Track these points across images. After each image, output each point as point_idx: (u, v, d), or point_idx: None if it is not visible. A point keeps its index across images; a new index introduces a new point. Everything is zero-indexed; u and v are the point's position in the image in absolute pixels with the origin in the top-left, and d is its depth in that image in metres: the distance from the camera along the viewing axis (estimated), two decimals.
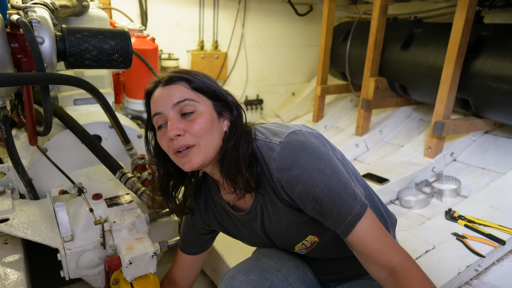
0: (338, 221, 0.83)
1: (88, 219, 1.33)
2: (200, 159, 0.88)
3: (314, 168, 0.83)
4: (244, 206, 1.02)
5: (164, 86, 0.90)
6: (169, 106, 0.87)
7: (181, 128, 0.86)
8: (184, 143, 0.86)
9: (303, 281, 1.04)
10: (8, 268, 1.32)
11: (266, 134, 0.92)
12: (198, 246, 1.22)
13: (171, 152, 0.90)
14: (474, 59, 2.26)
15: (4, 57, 1.03)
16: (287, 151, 0.85)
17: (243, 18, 3.99)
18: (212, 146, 0.89)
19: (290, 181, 0.85)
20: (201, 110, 0.88)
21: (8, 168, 1.55)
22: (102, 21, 1.73)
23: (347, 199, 0.82)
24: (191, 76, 0.90)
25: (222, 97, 0.92)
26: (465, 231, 1.72)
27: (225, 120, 0.93)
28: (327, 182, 0.82)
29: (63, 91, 1.76)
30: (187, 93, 0.88)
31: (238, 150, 0.89)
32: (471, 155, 2.46)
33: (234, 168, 0.89)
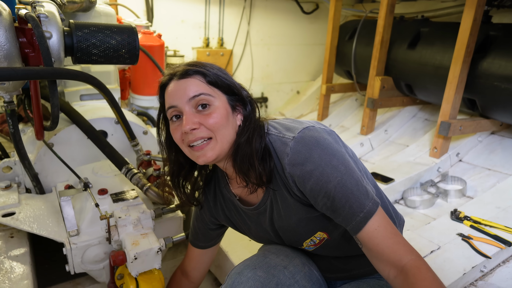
0: (350, 218, 0.83)
1: (93, 214, 1.33)
2: (215, 153, 0.88)
3: (327, 164, 0.83)
4: (253, 200, 1.02)
5: (179, 80, 0.89)
6: (185, 100, 0.87)
7: (196, 122, 0.86)
8: (200, 135, 0.87)
9: (309, 279, 1.03)
10: (14, 262, 1.32)
11: (279, 129, 0.92)
12: (207, 241, 1.22)
13: (184, 145, 0.90)
14: (481, 59, 2.24)
15: (12, 51, 1.04)
16: (301, 146, 0.85)
17: (249, 16, 3.98)
18: (227, 141, 0.89)
19: (302, 176, 0.85)
20: (217, 104, 0.88)
21: (14, 163, 1.56)
22: (109, 16, 1.73)
23: (359, 196, 0.83)
24: (207, 70, 0.90)
25: (237, 91, 0.92)
26: (471, 232, 1.71)
27: (239, 114, 0.93)
28: (340, 178, 0.82)
29: (70, 87, 1.76)
30: (203, 87, 0.88)
31: (251, 144, 0.89)
32: (477, 156, 2.45)
33: (247, 163, 0.89)
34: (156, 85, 2.20)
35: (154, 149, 1.77)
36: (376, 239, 0.82)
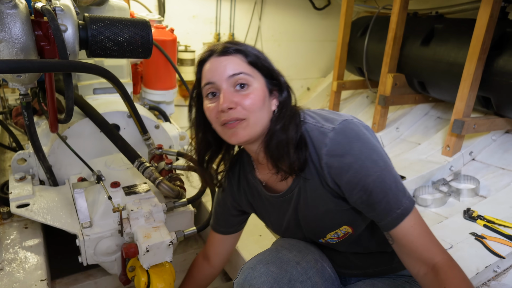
0: (385, 214, 0.83)
1: (106, 206, 1.35)
2: (247, 134, 0.87)
3: (367, 157, 0.82)
4: (279, 187, 1.01)
5: (219, 56, 0.88)
6: (224, 77, 0.86)
7: (234, 101, 0.85)
8: (235, 116, 0.85)
9: (322, 275, 1.03)
10: (28, 252, 1.35)
11: (316, 119, 0.91)
12: (228, 227, 1.21)
13: (218, 123, 0.89)
14: (497, 56, 2.20)
15: (29, 44, 1.05)
16: (341, 137, 0.84)
17: (260, 11, 3.96)
18: (261, 124, 0.88)
19: (340, 168, 0.84)
20: (255, 86, 0.87)
21: (29, 155, 1.58)
22: (123, 10, 1.74)
23: (397, 193, 0.82)
24: (248, 50, 0.88)
25: (275, 76, 0.91)
26: (484, 231, 1.68)
27: (274, 99, 0.92)
28: (379, 173, 0.82)
29: (83, 80, 1.78)
30: (243, 67, 0.86)
31: (287, 132, 0.87)
32: (490, 155, 2.41)
33: (281, 150, 0.88)
34: (167, 80, 2.22)
35: (165, 143, 1.78)
36: (411, 236, 0.83)
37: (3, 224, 1.49)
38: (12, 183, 1.52)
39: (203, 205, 1.79)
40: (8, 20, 1.00)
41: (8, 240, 1.40)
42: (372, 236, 0.99)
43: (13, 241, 1.39)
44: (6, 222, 1.50)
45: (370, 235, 0.98)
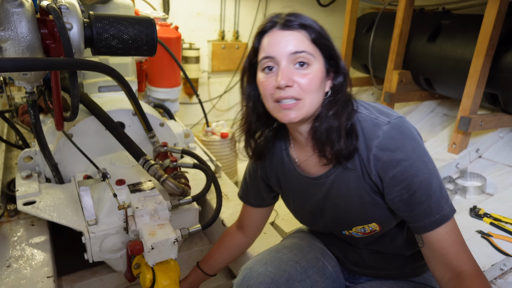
0: (424, 216, 0.83)
1: (111, 204, 1.35)
2: (301, 114, 0.85)
3: (418, 158, 0.82)
4: (313, 170, 0.98)
5: (282, 30, 0.85)
6: (286, 53, 0.83)
7: (293, 80, 0.83)
8: (292, 94, 0.83)
9: (322, 274, 1.03)
10: (35, 249, 1.36)
11: (370, 110, 0.89)
12: (257, 199, 1.19)
13: (271, 99, 0.87)
14: (505, 52, 2.17)
15: (34, 42, 1.05)
16: (395, 132, 0.83)
17: (265, 8, 3.95)
18: (315, 106, 0.86)
19: (388, 162, 0.82)
20: (315, 66, 0.84)
21: (35, 152, 1.59)
22: (127, 8, 1.74)
23: (440, 198, 0.82)
24: (312, 26, 0.85)
25: (335, 58, 0.88)
26: (491, 229, 1.67)
27: (329, 81, 0.90)
28: (427, 175, 0.82)
29: (88, 78, 1.79)
30: (306, 45, 0.83)
31: (340, 119, 0.86)
32: (497, 152, 2.38)
33: (330, 136, 0.86)
34: (172, 78, 2.21)
35: (170, 141, 1.78)
36: (444, 243, 0.83)
37: (10, 221, 1.50)
38: (19, 180, 1.54)
39: (208, 202, 1.79)
40: (14, 18, 1.01)
41: (15, 237, 1.41)
42: (395, 238, 0.98)
43: (20, 238, 1.41)
44: (13, 219, 1.52)
45: (393, 237, 0.97)
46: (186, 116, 3.88)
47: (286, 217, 2.10)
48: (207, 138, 2.77)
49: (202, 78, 3.85)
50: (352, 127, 0.86)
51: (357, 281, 1.11)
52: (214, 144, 2.77)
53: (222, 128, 2.91)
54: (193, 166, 1.53)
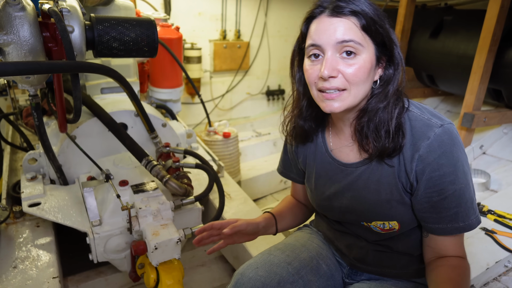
0: (448, 221, 0.85)
1: (115, 204, 1.36)
2: (344, 105, 0.83)
3: (460, 167, 0.82)
4: (345, 157, 0.96)
5: (331, 16, 0.80)
6: (332, 42, 0.79)
7: (337, 69, 0.80)
8: (336, 85, 0.81)
9: (316, 273, 1.03)
10: (40, 250, 1.37)
11: (422, 110, 0.87)
12: (298, 175, 1.16)
13: (315, 87, 0.85)
14: (508, 47, 2.16)
15: (37, 45, 1.06)
16: (446, 137, 0.82)
17: (266, 7, 3.95)
18: (361, 96, 0.84)
19: (430, 165, 0.82)
20: (363, 56, 0.80)
21: (39, 154, 1.61)
22: (128, 10, 1.75)
23: (469, 209, 0.85)
24: (363, 12, 0.79)
25: (389, 45, 0.83)
26: (495, 226, 1.66)
27: (380, 69, 0.86)
28: (464, 186, 0.83)
29: (91, 80, 1.80)
30: (355, 34, 0.79)
31: (390, 113, 0.83)
32: (502, 148, 2.37)
33: (377, 131, 0.84)
34: (174, 78, 2.21)
35: (172, 142, 1.79)
36: (450, 244, 0.88)
37: (15, 223, 1.52)
38: (24, 182, 1.55)
39: (210, 202, 1.80)
40: (16, 22, 1.02)
41: (21, 238, 1.43)
42: (408, 238, 0.98)
43: (25, 240, 1.42)
44: (18, 221, 1.53)
45: (406, 236, 0.97)
46: (188, 116, 3.89)
47: None
48: (210, 138, 2.78)
49: (204, 77, 3.85)
50: (401, 125, 0.84)
51: (359, 277, 1.10)
52: (217, 143, 2.77)
53: (224, 128, 2.92)
54: (196, 166, 1.53)
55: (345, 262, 1.13)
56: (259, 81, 4.29)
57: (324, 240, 1.18)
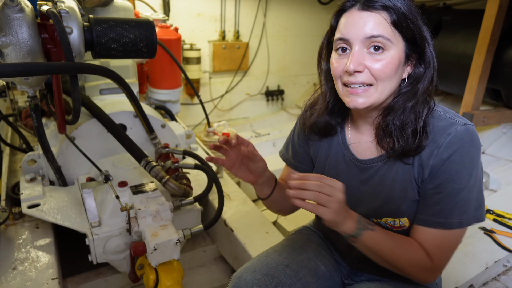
0: (429, 214, 0.85)
1: (114, 205, 1.36)
2: (369, 101, 0.82)
3: (468, 169, 0.81)
4: (362, 153, 0.96)
5: (361, 10, 0.80)
6: (360, 37, 0.79)
7: (363, 64, 0.79)
8: (361, 80, 0.80)
9: (314, 274, 1.03)
10: (40, 251, 1.37)
11: (446, 110, 0.87)
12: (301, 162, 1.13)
13: (340, 81, 0.84)
14: (507, 47, 2.16)
15: (35, 47, 1.06)
16: (467, 136, 0.80)
17: (265, 8, 3.95)
18: (386, 93, 0.83)
19: (443, 160, 0.81)
20: (392, 52, 0.79)
21: (38, 156, 1.61)
22: (127, 11, 1.75)
23: (456, 209, 0.83)
24: (395, 6, 0.78)
25: (421, 42, 0.81)
26: (494, 226, 1.67)
27: (409, 67, 0.85)
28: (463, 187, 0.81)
29: (90, 81, 1.80)
30: (384, 29, 0.78)
31: (418, 113, 0.82)
32: (501, 148, 2.38)
33: (406, 131, 0.83)
34: (173, 79, 2.20)
35: (172, 142, 1.79)
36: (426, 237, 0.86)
37: (15, 224, 1.52)
38: (23, 184, 1.55)
39: (210, 203, 1.80)
40: (15, 24, 1.02)
41: (20, 239, 1.43)
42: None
43: (25, 241, 1.42)
44: (17, 222, 1.53)
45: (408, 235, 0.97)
46: (188, 117, 3.89)
47: (288, 216, 2.11)
48: (209, 139, 2.78)
49: (203, 78, 3.86)
50: (426, 125, 0.83)
51: (358, 278, 1.10)
52: None
53: (223, 128, 2.92)
54: (195, 167, 1.53)
55: (345, 262, 1.13)
56: (258, 82, 4.29)
57: (323, 240, 1.18)
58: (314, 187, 0.75)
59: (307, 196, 0.76)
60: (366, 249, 0.88)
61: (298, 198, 0.76)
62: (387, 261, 0.87)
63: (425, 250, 0.86)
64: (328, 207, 0.76)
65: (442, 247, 0.85)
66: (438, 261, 0.86)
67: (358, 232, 0.84)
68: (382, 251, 0.86)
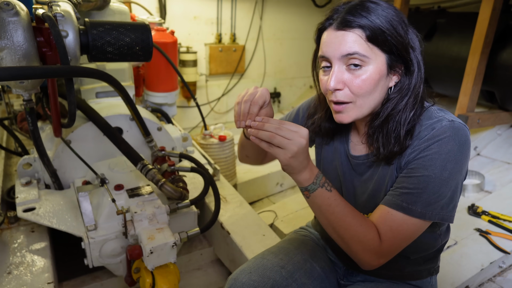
0: (395, 195, 0.84)
1: (110, 209, 1.36)
2: (351, 116, 0.86)
3: (444, 160, 0.80)
4: (357, 149, 0.99)
5: (337, 30, 0.82)
6: (338, 55, 0.82)
7: (342, 82, 0.83)
8: (341, 99, 0.84)
9: (310, 275, 1.03)
10: (35, 255, 1.37)
11: (439, 110, 0.88)
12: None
13: (327, 97, 0.89)
14: (501, 49, 2.18)
15: (31, 50, 1.06)
16: (450, 130, 0.81)
17: (261, 10, 3.97)
18: (368, 106, 0.85)
19: (421, 150, 0.82)
20: (370, 68, 0.81)
21: (34, 159, 1.60)
22: (123, 14, 1.75)
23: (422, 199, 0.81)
24: (371, 22, 0.79)
25: (403, 51, 0.82)
26: (489, 227, 1.68)
27: (395, 76, 0.86)
28: (434, 177, 0.80)
29: (86, 84, 1.79)
30: (360, 46, 0.80)
31: (406, 119, 0.84)
32: (496, 150, 2.39)
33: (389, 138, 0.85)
34: (169, 82, 2.20)
35: (168, 145, 1.79)
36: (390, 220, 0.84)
37: (10, 228, 1.51)
38: (18, 187, 1.54)
39: (206, 206, 1.80)
40: (10, 27, 1.02)
41: (16, 244, 1.42)
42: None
43: (20, 245, 1.42)
44: (13, 226, 1.52)
45: None
46: (184, 120, 3.89)
47: (285, 218, 2.11)
48: (205, 141, 2.78)
49: (200, 81, 3.86)
50: (412, 128, 0.85)
51: (354, 279, 1.11)
52: (213, 147, 2.77)
53: (220, 131, 2.92)
54: (191, 169, 1.53)
55: (341, 263, 1.13)
56: (255, 84, 4.30)
57: (320, 241, 1.19)
58: (271, 129, 0.78)
59: (261, 135, 0.79)
60: (317, 208, 0.86)
61: (255, 136, 0.80)
62: (335, 228, 0.86)
63: (378, 231, 0.85)
64: (285, 149, 0.77)
65: (396, 232, 0.83)
66: (387, 245, 0.84)
67: (313, 187, 0.84)
68: (333, 215, 0.84)
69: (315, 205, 0.86)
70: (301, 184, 0.84)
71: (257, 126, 0.81)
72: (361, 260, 0.86)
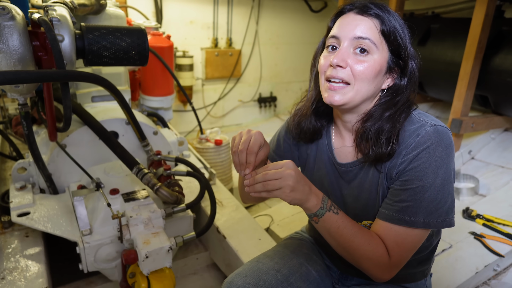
0: (395, 210, 0.84)
1: (105, 213, 1.35)
2: (344, 99, 0.86)
3: (434, 167, 0.81)
4: (343, 158, 0.99)
5: (356, 14, 0.86)
6: (350, 36, 0.84)
7: (346, 62, 0.84)
8: (341, 76, 0.85)
9: (306, 279, 1.03)
10: (29, 260, 1.35)
11: (420, 113, 0.90)
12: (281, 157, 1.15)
13: (324, 75, 0.89)
14: (494, 54, 2.21)
15: (26, 54, 1.06)
16: (435, 136, 0.83)
17: (257, 15, 3.99)
18: (362, 96, 0.86)
19: (410, 160, 0.83)
20: (375, 57, 0.84)
21: (29, 164, 1.59)
22: (119, 19, 1.76)
23: (422, 209, 0.82)
24: (387, 18, 0.84)
25: (403, 56, 0.86)
26: (484, 230, 1.69)
27: (390, 78, 0.89)
28: (428, 185, 0.82)
29: (81, 88, 1.79)
30: (373, 34, 0.84)
31: (395, 123, 0.85)
32: (490, 153, 2.41)
33: (379, 138, 0.86)
34: (165, 86, 2.19)
35: (164, 149, 1.79)
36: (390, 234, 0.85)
37: (4, 233, 1.50)
38: (13, 192, 1.53)
39: (202, 210, 1.80)
40: (6, 31, 1.02)
41: (9, 249, 1.41)
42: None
43: (14, 250, 1.40)
44: (7, 231, 1.51)
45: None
46: (180, 124, 3.89)
47: (281, 222, 2.11)
48: (201, 145, 2.78)
49: (196, 85, 3.86)
50: (399, 132, 0.86)
51: (349, 282, 1.11)
52: (209, 151, 2.77)
53: (216, 135, 2.92)
54: (187, 174, 1.53)
55: (335, 267, 1.14)
56: (251, 89, 4.32)
57: (314, 245, 1.19)
58: (261, 179, 0.81)
59: (257, 188, 0.82)
60: (326, 232, 0.88)
61: (253, 191, 0.83)
62: (345, 248, 0.87)
63: (386, 246, 0.86)
64: (281, 188, 0.80)
65: (402, 245, 0.85)
66: (396, 259, 0.86)
67: (321, 211, 0.85)
68: (342, 237, 0.86)
69: (324, 229, 0.88)
70: (310, 211, 0.86)
71: (249, 183, 0.84)
72: (373, 275, 0.88)
